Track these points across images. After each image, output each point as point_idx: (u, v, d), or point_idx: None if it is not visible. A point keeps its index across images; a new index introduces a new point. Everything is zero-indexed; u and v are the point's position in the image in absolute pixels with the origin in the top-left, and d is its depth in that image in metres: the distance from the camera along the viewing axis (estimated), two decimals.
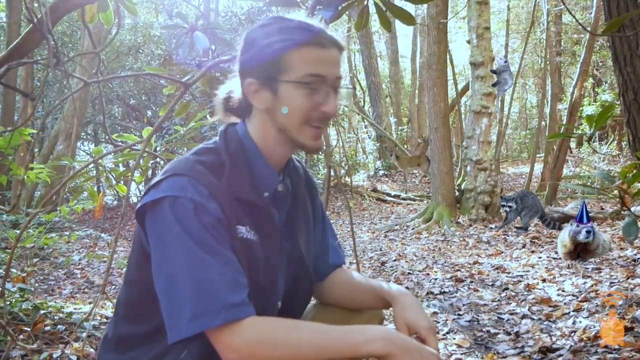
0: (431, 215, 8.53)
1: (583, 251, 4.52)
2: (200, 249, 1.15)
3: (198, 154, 1.31)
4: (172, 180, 1.22)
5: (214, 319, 1.11)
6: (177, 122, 6.24)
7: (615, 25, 2.38)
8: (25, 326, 2.83)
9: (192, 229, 1.16)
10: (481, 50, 8.52)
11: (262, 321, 1.17)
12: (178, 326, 1.13)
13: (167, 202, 1.19)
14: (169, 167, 1.28)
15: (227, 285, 1.14)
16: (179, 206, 1.18)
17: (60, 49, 2.04)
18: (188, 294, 1.13)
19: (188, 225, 1.16)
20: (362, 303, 1.57)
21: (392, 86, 20.65)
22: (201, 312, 1.12)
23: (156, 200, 1.20)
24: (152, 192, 1.23)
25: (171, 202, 1.18)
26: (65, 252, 7.00)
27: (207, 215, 1.18)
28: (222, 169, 1.27)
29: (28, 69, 9.57)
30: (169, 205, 1.18)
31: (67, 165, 8.42)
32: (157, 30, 12.74)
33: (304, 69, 1.24)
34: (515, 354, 2.70)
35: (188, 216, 1.17)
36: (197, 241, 1.15)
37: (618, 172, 1.89)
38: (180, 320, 1.13)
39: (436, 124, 8.85)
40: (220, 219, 1.20)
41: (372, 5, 2.21)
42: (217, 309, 1.12)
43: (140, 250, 1.28)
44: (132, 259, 1.35)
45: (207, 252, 1.15)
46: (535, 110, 22.97)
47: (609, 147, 14.64)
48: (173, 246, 1.17)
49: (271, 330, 1.15)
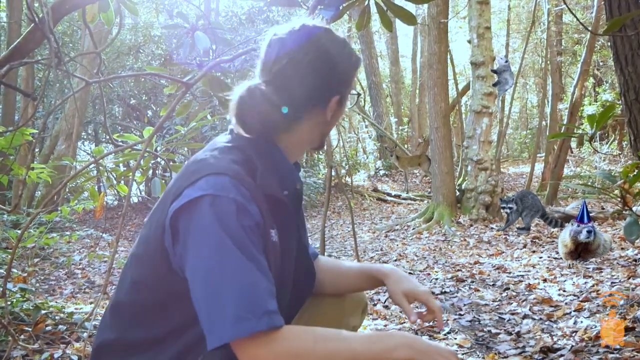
0: (432, 215, 8.53)
1: (584, 251, 4.51)
2: (240, 252, 1.10)
3: (226, 153, 1.26)
4: (212, 178, 1.17)
5: (257, 323, 1.06)
6: (178, 122, 6.24)
7: (616, 25, 2.38)
8: (26, 326, 2.83)
9: (233, 231, 1.11)
10: (482, 50, 8.52)
11: (293, 331, 1.13)
12: (220, 330, 1.06)
13: (207, 200, 1.13)
14: (200, 165, 1.22)
15: (265, 291, 1.10)
16: (221, 206, 1.12)
17: (61, 49, 2.03)
18: (231, 297, 1.07)
19: (229, 227, 1.11)
20: (349, 286, 1.61)
21: (393, 86, 20.65)
22: (245, 316, 1.06)
23: (194, 199, 1.14)
24: (187, 191, 1.17)
25: (212, 201, 1.13)
26: (66, 252, 7.00)
27: (248, 218, 1.14)
28: (254, 167, 1.24)
29: (29, 69, 9.58)
30: (210, 204, 1.12)
31: (67, 165, 8.43)
32: (158, 30, 12.74)
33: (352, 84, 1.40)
34: (516, 354, 2.70)
35: (230, 217, 1.12)
36: (238, 244, 1.10)
37: (619, 172, 1.90)
38: (223, 324, 1.06)
39: (437, 123, 8.85)
40: (259, 224, 1.16)
41: (372, 5, 2.21)
42: (259, 314, 1.07)
43: (159, 251, 1.20)
44: (144, 261, 1.27)
45: (247, 256, 1.10)
46: (535, 110, 22.97)
47: (609, 147, 14.64)
48: (213, 247, 1.11)
49: (300, 341, 1.12)
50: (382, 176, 16.05)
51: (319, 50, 1.30)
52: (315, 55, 1.30)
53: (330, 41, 1.33)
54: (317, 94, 1.31)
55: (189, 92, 2.27)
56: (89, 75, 3.12)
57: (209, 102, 6.04)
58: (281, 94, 1.28)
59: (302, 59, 1.29)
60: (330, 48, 1.32)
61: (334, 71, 1.32)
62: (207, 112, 3.05)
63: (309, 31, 1.31)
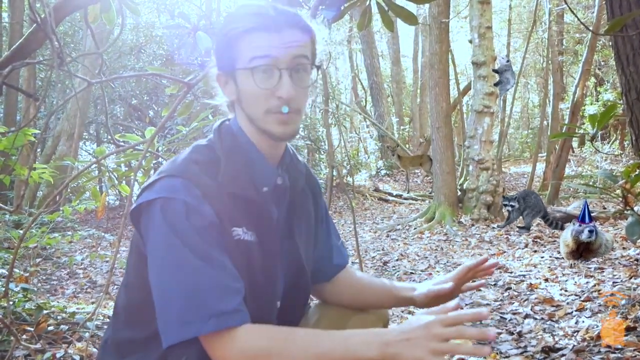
0: (433, 215, 8.53)
1: (585, 251, 4.51)
2: (191, 253, 1.11)
3: (193, 153, 1.28)
4: (165, 181, 1.19)
5: (202, 325, 1.08)
6: (179, 122, 6.24)
7: (618, 25, 2.38)
8: (28, 326, 2.84)
9: (183, 233, 1.13)
10: (483, 49, 8.52)
11: (257, 329, 1.13)
12: (168, 331, 1.11)
13: (159, 204, 1.16)
14: (163, 167, 1.25)
15: (218, 291, 1.11)
16: (171, 208, 1.14)
17: (63, 49, 2.04)
18: (177, 299, 1.10)
19: (179, 229, 1.13)
20: (370, 302, 1.55)
21: (394, 86, 20.65)
22: (190, 318, 1.09)
23: (149, 201, 1.17)
24: (145, 194, 1.20)
25: (163, 204, 1.15)
26: (67, 252, 7.01)
27: (200, 218, 1.15)
28: (217, 166, 1.23)
29: (30, 70, 9.59)
30: (161, 208, 1.15)
31: (69, 166, 8.44)
32: (159, 31, 12.75)
33: (251, 54, 1.20)
34: (518, 354, 2.70)
35: (179, 219, 1.13)
36: (188, 245, 1.12)
37: (620, 172, 1.90)
38: (170, 326, 1.11)
39: (438, 123, 8.84)
40: (212, 222, 1.16)
41: (374, 5, 2.21)
42: (206, 316, 1.09)
43: (138, 252, 1.25)
44: (130, 262, 1.32)
45: (198, 257, 1.12)
46: (537, 109, 22.95)
47: (611, 146, 14.63)
48: (163, 249, 1.14)
49: (266, 339, 1.11)
50: (383, 176, 16.06)
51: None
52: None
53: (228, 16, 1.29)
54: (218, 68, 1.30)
55: (190, 93, 2.27)
56: (90, 75, 3.12)
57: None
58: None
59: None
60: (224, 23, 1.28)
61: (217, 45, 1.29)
62: (209, 112, 3.05)
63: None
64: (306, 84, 1.26)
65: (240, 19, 1.23)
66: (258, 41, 1.20)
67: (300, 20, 1.24)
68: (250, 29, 1.20)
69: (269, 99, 1.22)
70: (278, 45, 1.20)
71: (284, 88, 1.20)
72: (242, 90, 1.24)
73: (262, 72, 1.20)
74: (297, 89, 1.22)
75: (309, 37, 1.26)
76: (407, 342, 1.06)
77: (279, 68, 1.20)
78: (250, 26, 1.20)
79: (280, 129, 1.24)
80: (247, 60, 1.21)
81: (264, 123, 1.24)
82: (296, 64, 1.22)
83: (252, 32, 1.20)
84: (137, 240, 1.25)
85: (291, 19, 1.23)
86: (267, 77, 1.21)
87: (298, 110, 1.26)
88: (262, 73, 1.20)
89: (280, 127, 1.24)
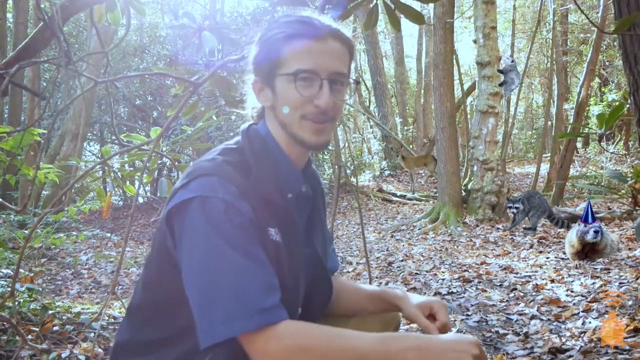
0: (438, 216, 8.51)
1: (591, 251, 4.49)
2: (232, 250, 1.11)
3: (223, 154, 1.27)
4: (201, 180, 1.18)
5: (247, 323, 1.07)
6: (184, 123, 6.25)
7: (625, 24, 2.37)
8: (34, 326, 2.84)
9: (224, 230, 1.12)
10: (488, 49, 8.50)
11: (298, 326, 1.12)
12: (211, 330, 1.08)
13: (197, 202, 1.15)
14: (194, 168, 1.24)
15: (261, 288, 1.11)
16: (210, 206, 1.14)
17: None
18: (221, 297, 1.09)
19: (219, 226, 1.12)
20: (361, 308, 1.55)
21: (398, 86, 20.61)
22: (235, 315, 1.07)
23: (185, 200, 1.16)
24: (179, 193, 1.19)
25: (201, 202, 1.14)
26: (72, 252, 7.03)
27: (239, 215, 1.14)
28: (248, 169, 1.24)
29: (35, 69, 9.61)
30: (199, 206, 1.14)
31: (74, 166, 8.45)
32: (163, 31, 12.76)
33: (295, 62, 1.23)
34: (524, 355, 2.69)
35: (219, 217, 1.13)
36: (229, 242, 1.11)
37: (626, 172, 1.88)
38: (213, 324, 1.08)
39: (442, 123, 8.82)
40: (252, 220, 1.16)
41: (380, 5, 2.21)
42: (250, 313, 1.08)
43: (164, 252, 1.23)
44: (151, 262, 1.30)
45: (239, 254, 1.11)
46: (541, 110, 22.89)
47: (615, 147, 14.58)
48: (204, 248, 1.12)
49: (306, 335, 1.11)
50: (387, 176, 16.04)
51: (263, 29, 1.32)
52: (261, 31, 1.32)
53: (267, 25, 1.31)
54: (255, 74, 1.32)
55: (195, 93, 2.26)
56: (95, 75, 3.11)
57: (215, 102, 6.04)
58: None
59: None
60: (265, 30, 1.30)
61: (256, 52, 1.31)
62: (213, 112, 3.05)
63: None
64: (343, 97, 1.30)
65: (284, 27, 1.25)
66: (303, 49, 1.23)
67: (343, 33, 1.27)
68: (295, 36, 1.23)
69: (305, 106, 1.25)
70: (322, 55, 1.24)
71: (324, 98, 1.24)
72: (280, 96, 1.26)
73: (304, 79, 1.23)
74: (334, 100, 1.26)
75: (348, 51, 1.29)
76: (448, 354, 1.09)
77: (320, 77, 1.24)
78: (295, 33, 1.24)
79: (313, 138, 1.27)
80: (290, 66, 1.23)
81: (299, 129, 1.27)
82: (336, 76, 1.26)
83: (296, 40, 1.23)
84: (164, 239, 1.22)
85: (335, 30, 1.26)
86: (307, 85, 1.24)
87: (333, 120, 1.29)
88: (303, 81, 1.23)
89: (313, 136, 1.27)
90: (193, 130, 3.04)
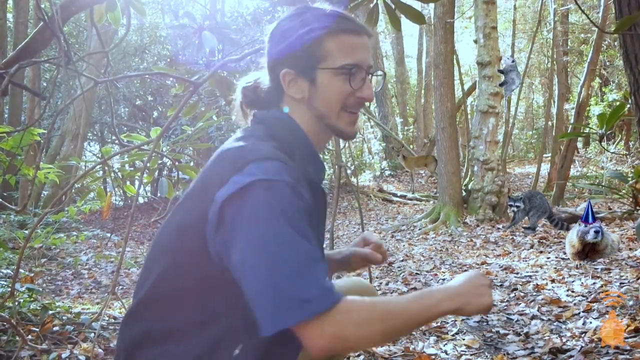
0: (438, 216, 8.51)
1: (591, 251, 4.49)
2: (298, 234, 1.08)
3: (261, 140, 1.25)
4: (262, 163, 1.15)
5: (320, 304, 1.04)
6: (184, 123, 6.25)
7: (626, 24, 2.36)
8: (34, 326, 2.84)
9: (290, 214, 1.09)
10: (488, 49, 8.50)
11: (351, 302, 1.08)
12: (279, 315, 1.03)
13: (262, 185, 1.11)
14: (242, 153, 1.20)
15: (323, 270, 1.09)
16: (276, 190, 1.11)
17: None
18: (291, 280, 1.04)
19: (286, 211, 1.09)
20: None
21: (398, 86, 20.63)
22: (308, 297, 1.04)
23: (246, 185, 1.11)
24: (236, 178, 1.13)
25: (266, 185, 1.10)
26: (72, 252, 7.03)
27: (302, 200, 1.13)
28: (292, 154, 1.24)
29: (35, 70, 9.61)
30: (265, 189, 1.10)
31: (74, 166, 8.45)
32: (164, 31, 12.77)
33: (342, 56, 1.27)
34: (525, 355, 2.69)
35: (285, 200, 1.10)
36: (295, 227, 1.09)
37: (627, 171, 1.88)
38: (283, 308, 1.03)
39: (443, 123, 8.82)
40: (310, 205, 1.16)
41: (380, 4, 2.21)
42: (320, 294, 1.05)
43: (199, 238, 1.16)
44: (178, 248, 1.22)
45: (306, 239, 1.09)
46: (541, 110, 22.88)
47: (616, 146, 14.58)
48: (270, 231, 1.08)
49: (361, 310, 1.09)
50: (387, 176, 16.04)
51: (278, 24, 1.33)
52: (274, 29, 1.33)
53: (292, 17, 1.31)
54: (272, 66, 1.32)
55: (196, 93, 2.26)
56: (96, 75, 3.11)
57: (216, 102, 6.02)
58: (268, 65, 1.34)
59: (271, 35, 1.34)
60: (284, 22, 1.31)
61: (280, 44, 1.30)
62: (213, 112, 3.04)
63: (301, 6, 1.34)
64: (372, 88, 1.36)
65: (324, 20, 1.28)
66: (348, 44, 1.28)
67: (369, 29, 1.35)
68: (340, 31, 1.28)
69: (348, 98, 1.29)
70: (362, 49, 1.30)
71: (369, 90, 1.31)
72: (323, 88, 1.28)
73: (352, 73, 1.27)
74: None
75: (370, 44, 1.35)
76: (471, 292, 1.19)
77: (366, 71, 1.30)
78: (339, 28, 1.28)
79: (349, 128, 1.34)
80: (335, 60, 1.27)
81: (337, 120, 1.31)
82: (371, 69, 1.32)
83: (341, 34, 1.28)
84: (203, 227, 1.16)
85: (365, 25, 1.34)
86: (354, 79, 1.28)
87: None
88: (352, 75, 1.27)
89: (349, 127, 1.34)
90: (193, 131, 3.04)
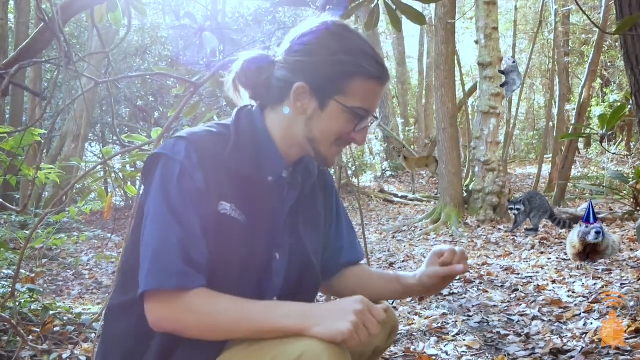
0: (439, 216, 8.51)
1: (592, 252, 4.48)
2: (169, 212, 1.17)
3: (212, 125, 1.34)
4: (173, 141, 1.26)
5: (166, 280, 1.13)
6: (185, 123, 6.25)
7: (627, 24, 2.36)
8: (35, 327, 2.84)
9: (169, 191, 1.19)
10: (489, 50, 8.50)
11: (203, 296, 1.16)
12: (141, 279, 1.15)
13: (162, 159, 1.23)
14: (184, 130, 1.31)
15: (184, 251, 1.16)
16: (167, 166, 1.21)
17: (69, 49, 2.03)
18: (151, 251, 1.16)
19: (168, 187, 1.19)
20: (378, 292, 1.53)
21: (399, 87, 20.63)
22: (158, 270, 1.14)
23: (155, 155, 1.26)
24: (158, 148, 1.30)
25: (164, 161, 1.23)
26: (73, 252, 7.02)
27: (189, 182, 1.20)
28: (227, 142, 1.29)
29: (36, 70, 9.62)
30: (162, 164, 1.23)
31: (75, 166, 8.46)
32: (165, 32, 12.77)
33: (360, 98, 1.28)
34: (526, 356, 2.68)
35: (171, 178, 1.20)
36: (169, 204, 1.18)
37: (628, 172, 1.88)
38: (142, 275, 1.15)
39: (444, 124, 8.82)
40: (199, 189, 1.21)
41: (381, 5, 2.21)
42: (172, 272, 1.14)
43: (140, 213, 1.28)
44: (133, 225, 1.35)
45: (174, 217, 1.17)
46: (542, 111, 22.88)
47: (617, 147, 14.57)
48: (152, 203, 1.20)
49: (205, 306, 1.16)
50: (388, 177, 16.04)
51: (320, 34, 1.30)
52: (312, 33, 1.31)
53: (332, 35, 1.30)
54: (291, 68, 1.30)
55: (196, 93, 2.26)
56: (96, 75, 3.10)
57: (216, 103, 6.03)
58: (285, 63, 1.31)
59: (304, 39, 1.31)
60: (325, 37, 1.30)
61: (310, 57, 1.29)
62: (214, 113, 3.04)
63: (329, 22, 1.32)
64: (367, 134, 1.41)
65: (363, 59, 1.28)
66: (372, 91, 1.30)
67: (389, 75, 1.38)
68: (370, 76, 1.28)
69: (345, 135, 1.32)
70: (378, 98, 1.34)
71: (363, 136, 1.34)
72: (329, 117, 1.29)
73: (361, 117, 1.30)
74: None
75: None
76: (329, 314, 1.10)
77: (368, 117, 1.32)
78: (373, 75, 1.28)
79: (332, 159, 1.36)
80: (354, 99, 1.27)
81: (326, 149, 1.33)
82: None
83: (370, 80, 1.28)
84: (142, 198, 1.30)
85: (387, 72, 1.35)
86: (360, 122, 1.30)
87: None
88: (360, 118, 1.30)
89: (333, 158, 1.36)
90: None
